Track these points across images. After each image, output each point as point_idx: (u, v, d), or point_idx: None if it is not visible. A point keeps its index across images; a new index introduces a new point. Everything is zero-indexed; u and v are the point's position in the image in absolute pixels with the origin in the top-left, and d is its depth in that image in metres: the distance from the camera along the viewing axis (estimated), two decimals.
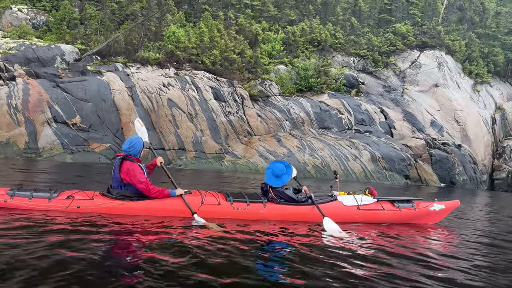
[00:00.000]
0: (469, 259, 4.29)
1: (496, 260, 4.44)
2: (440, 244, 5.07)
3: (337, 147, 20.61)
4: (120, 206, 4.93)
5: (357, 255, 4.00)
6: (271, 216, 5.41)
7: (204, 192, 5.41)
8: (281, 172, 5.54)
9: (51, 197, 4.82)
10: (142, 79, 20.30)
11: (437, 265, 3.86)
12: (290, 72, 25.47)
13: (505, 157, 28.73)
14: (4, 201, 4.73)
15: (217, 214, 5.19)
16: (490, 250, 4.95)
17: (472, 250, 4.85)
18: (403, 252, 4.30)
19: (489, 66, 31.61)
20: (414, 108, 25.72)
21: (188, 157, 18.80)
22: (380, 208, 5.89)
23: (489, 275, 3.70)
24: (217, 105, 20.77)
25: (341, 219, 5.52)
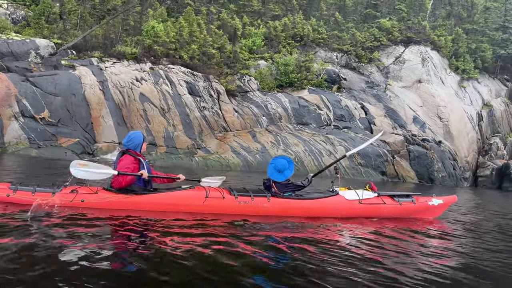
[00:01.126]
0: (466, 253, 4.38)
1: (493, 252, 4.52)
2: (439, 238, 5.18)
3: (312, 142, 20.32)
4: (124, 200, 4.93)
5: (357, 249, 4.04)
6: (274, 210, 5.48)
7: (207, 187, 5.42)
8: (283, 167, 5.64)
9: (55, 191, 4.80)
10: (115, 74, 20.06)
11: (436, 259, 3.90)
12: (271, 67, 25.16)
13: (491, 154, 28.37)
14: (7, 196, 4.69)
15: (222, 208, 5.24)
16: (485, 244, 5.07)
17: (469, 244, 4.99)
18: (405, 246, 4.37)
19: (476, 62, 31.19)
20: (396, 104, 25.38)
21: (158, 152, 18.56)
22: (381, 203, 6.00)
23: (486, 270, 3.74)
24: (191, 100, 20.51)
25: (343, 213, 5.74)
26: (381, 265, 3.49)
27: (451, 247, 4.57)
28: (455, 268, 3.61)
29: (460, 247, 4.63)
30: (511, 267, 3.89)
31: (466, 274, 3.46)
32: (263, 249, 3.80)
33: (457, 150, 25.09)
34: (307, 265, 3.31)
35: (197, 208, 5.17)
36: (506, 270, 3.75)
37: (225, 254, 3.44)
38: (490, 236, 5.73)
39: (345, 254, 3.79)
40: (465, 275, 3.41)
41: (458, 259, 4.03)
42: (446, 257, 4.02)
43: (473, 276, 3.42)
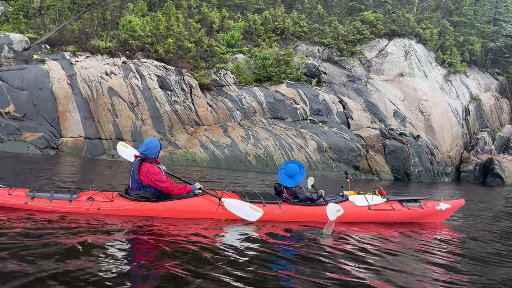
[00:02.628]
0: (474, 256, 4.44)
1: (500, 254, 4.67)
2: (449, 242, 5.30)
3: (283, 137, 20.02)
4: (140, 207, 5.00)
5: (368, 255, 4.10)
6: (286, 216, 5.58)
7: (220, 193, 5.52)
8: (294, 172, 5.70)
9: (71, 198, 4.85)
10: (85, 68, 19.90)
11: (445, 263, 3.99)
12: (249, 61, 24.84)
13: (477, 149, 27.81)
14: (25, 203, 4.70)
15: (234, 215, 5.27)
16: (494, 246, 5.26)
17: (478, 247, 5.10)
18: (415, 252, 4.43)
19: (464, 55, 30.55)
20: (377, 98, 24.93)
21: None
22: (390, 208, 6.12)
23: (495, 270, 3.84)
24: (162, 94, 20.30)
25: (353, 219, 5.88)
26: (390, 270, 3.56)
27: (461, 252, 4.64)
28: (464, 273, 3.68)
29: (468, 251, 4.71)
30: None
31: (474, 278, 3.53)
32: (278, 255, 3.86)
33: (439, 144, 24.60)
34: (318, 269, 3.42)
35: (211, 215, 5.27)
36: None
37: (239, 259, 3.51)
38: (497, 238, 5.84)
39: (357, 260, 3.87)
40: (472, 279, 3.49)
41: (465, 263, 4.08)
42: (456, 262, 4.09)
43: (480, 280, 3.48)
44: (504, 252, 4.87)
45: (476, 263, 4.08)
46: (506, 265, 4.09)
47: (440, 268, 3.68)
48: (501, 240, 5.80)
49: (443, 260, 4.05)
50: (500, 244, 5.42)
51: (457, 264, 3.96)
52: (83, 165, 14.36)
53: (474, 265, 3.97)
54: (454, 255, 4.40)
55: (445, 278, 3.37)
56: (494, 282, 3.43)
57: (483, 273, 3.64)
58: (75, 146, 17.90)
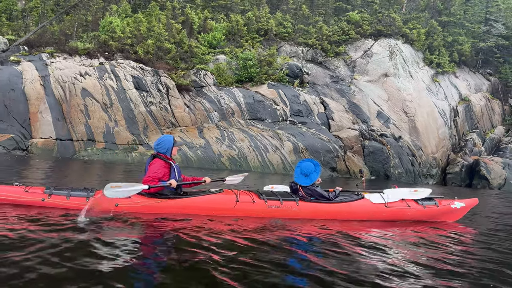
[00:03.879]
0: (489, 256, 4.41)
1: None
2: (465, 242, 5.25)
3: (259, 138, 19.72)
4: (158, 204, 4.99)
5: (384, 253, 4.11)
6: (303, 213, 5.56)
7: (237, 191, 5.50)
8: (309, 171, 5.69)
9: (89, 195, 4.85)
10: (60, 69, 19.77)
11: (461, 263, 3.96)
12: (231, 62, 24.61)
13: (466, 150, 27.31)
14: (42, 200, 4.74)
15: (252, 212, 5.33)
16: None
17: (495, 246, 5.02)
18: (431, 250, 4.43)
19: (453, 56, 30.09)
20: (360, 98, 24.57)
21: (95, 148, 18.18)
22: (406, 206, 6.09)
23: None
24: (137, 95, 20.10)
25: (369, 216, 5.90)
26: (406, 268, 3.56)
27: (476, 252, 4.62)
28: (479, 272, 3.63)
29: (482, 251, 4.69)
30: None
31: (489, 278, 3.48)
32: (295, 252, 3.90)
33: (423, 146, 24.17)
34: (333, 267, 3.40)
35: (228, 212, 5.24)
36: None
37: (255, 255, 3.51)
38: None
39: (374, 258, 3.88)
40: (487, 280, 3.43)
41: (480, 263, 4.06)
42: (471, 261, 4.08)
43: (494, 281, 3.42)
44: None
45: (492, 262, 4.09)
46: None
47: (457, 268, 3.70)
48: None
49: (459, 260, 4.07)
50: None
51: (473, 264, 3.97)
52: (48, 165, 14.12)
53: (490, 265, 3.97)
54: (469, 255, 4.39)
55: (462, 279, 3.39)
56: None
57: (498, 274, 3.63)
58: (45, 147, 17.72)
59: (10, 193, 4.73)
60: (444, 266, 3.70)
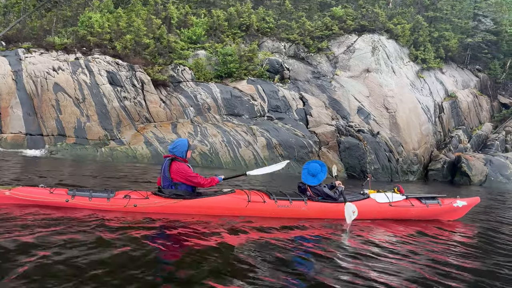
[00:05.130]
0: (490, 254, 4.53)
1: None
2: (468, 240, 5.42)
3: (232, 133, 19.56)
4: (174, 204, 5.27)
5: (388, 252, 4.21)
6: (312, 213, 5.81)
7: (248, 191, 5.76)
8: (316, 171, 5.98)
9: (109, 196, 5.14)
10: (33, 63, 19.69)
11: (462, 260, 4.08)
12: (210, 57, 24.44)
13: (450, 147, 27.04)
14: (66, 201, 4.98)
15: (263, 212, 5.59)
16: None
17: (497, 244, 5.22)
18: (435, 248, 4.58)
19: (439, 51, 29.75)
20: (341, 94, 24.32)
21: (65, 143, 18.10)
22: (410, 205, 6.34)
23: None
24: (111, 90, 19.98)
25: (375, 215, 6.18)
26: (411, 267, 3.66)
27: (477, 249, 4.71)
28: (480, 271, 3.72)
29: (485, 248, 4.81)
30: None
31: None
32: (303, 252, 4.01)
33: (404, 142, 23.90)
34: (345, 268, 3.50)
35: (240, 212, 5.51)
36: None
37: (266, 256, 3.60)
38: None
39: (380, 258, 3.96)
40: None
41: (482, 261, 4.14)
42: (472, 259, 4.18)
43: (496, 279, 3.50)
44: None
45: (493, 261, 4.17)
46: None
47: (460, 267, 3.81)
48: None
49: (459, 258, 4.16)
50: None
51: (474, 262, 4.04)
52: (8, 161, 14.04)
53: (491, 263, 4.04)
54: (471, 253, 4.47)
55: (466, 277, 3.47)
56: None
57: None
58: (14, 142, 17.66)
59: (36, 195, 4.99)
60: (448, 264, 3.77)
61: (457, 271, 3.54)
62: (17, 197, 4.91)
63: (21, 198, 4.91)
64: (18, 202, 4.89)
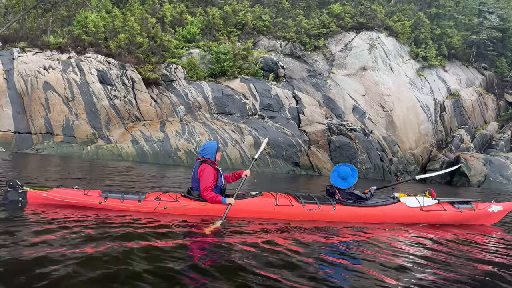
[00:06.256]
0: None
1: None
2: (500, 246, 5.18)
3: (220, 132, 19.42)
4: (203, 207, 5.28)
5: (419, 256, 4.15)
6: (340, 217, 5.70)
7: (275, 194, 5.74)
8: (347, 174, 5.84)
9: (140, 198, 5.24)
10: (25, 63, 19.92)
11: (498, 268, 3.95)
12: (204, 56, 24.36)
13: (451, 147, 26.36)
14: (99, 203, 5.14)
15: (291, 216, 5.54)
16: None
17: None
18: (467, 253, 4.45)
19: (441, 49, 29.04)
20: (336, 93, 23.95)
21: (53, 141, 18.24)
22: (442, 209, 6.14)
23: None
24: (101, 89, 20.07)
25: (405, 220, 5.98)
26: (443, 272, 3.59)
27: None
28: None
29: None
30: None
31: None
32: (333, 254, 4.04)
33: (400, 141, 23.40)
34: (369, 270, 3.47)
35: (268, 215, 5.48)
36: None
37: (293, 259, 3.62)
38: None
39: (409, 260, 3.93)
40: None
41: None
42: None
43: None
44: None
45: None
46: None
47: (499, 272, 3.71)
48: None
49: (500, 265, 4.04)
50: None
51: None
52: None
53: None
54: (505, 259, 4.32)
55: None
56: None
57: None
58: (3, 140, 17.88)
59: (71, 196, 5.14)
60: (484, 271, 3.68)
61: (495, 280, 3.46)
62: (53, 198, 5.09)
63: (57, 199, 5.10)
64: (54, 203, 5.08)
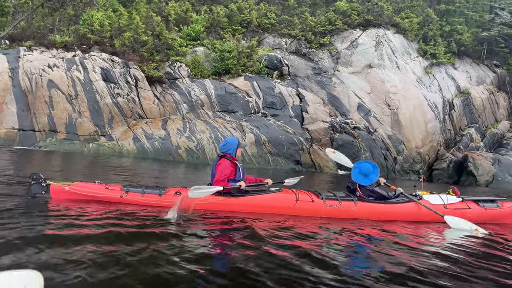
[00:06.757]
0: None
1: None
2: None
3: (221, 130, 19.38)
4: (223, 201, 5.29)
5: (442, 255, 4.05)
6: (362, 214, 5.63)
7: (295, 190, 5.68)
8: (368, 171, 5.79)
9: (161, 193, 5.27)
10: (30, 61, 20.19)
11: None
12: (209, 54, 24.35)
13: (460, 146, 25.84)
14: (120, 197, 5.19)
15: (311, 212, 5.48)
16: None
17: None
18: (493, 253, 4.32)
19: (451, 46, 28.48)
20: (340, 91, 23.68)
21: (54, 138, 18.44)
22: (466, 208, 6.00)
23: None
24: (104, 86, 20.22)
25: (428, 218, 5.81)
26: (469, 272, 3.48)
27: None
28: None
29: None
30: None
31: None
32: (354, 252, 3.97)
33: (406, 140, 23.02)
34: (393, 269, 3.37)
35: (288, 211, 5.43)
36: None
37: (314, 254, 3.58)
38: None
39: (434, 260, 3.80)
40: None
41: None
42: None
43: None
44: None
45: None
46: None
47: None
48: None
49: None
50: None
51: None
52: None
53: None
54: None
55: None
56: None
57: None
58: (7, 137, 18.15)
59: (93, 190, 5.19)
60: None
61: None
62: (75, 192, 5.13)
63: (79, 193, 5.14)
64: (76, 197, 5.13)
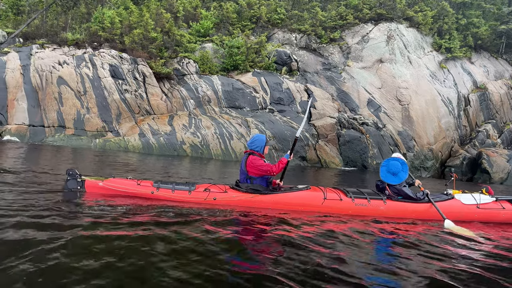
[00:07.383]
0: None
1: None
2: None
3: (226, 125, 19.35)
4: (251, 199, 5.39)
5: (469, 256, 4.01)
6: (390, 213, 5.57)
7: (323, 188, 5.73)
8: (397, 170, 5.64)
9: (191, 189, 5.43)
10: (42, 58, 20.60)
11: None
12: (218, 50, 24.35)
13: (475, 142, 25.10)
14: (151, 193, 5.37)
15: (339, 210, 5.47)
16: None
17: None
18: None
19: (467, 40, 27.66)
20: (350, 86, 23.30)
21: (64, 134, 18.77)
22: (500, 208, 5.85)
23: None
24: (112, 83, 20.46)
25: (459, 217, 5.67)
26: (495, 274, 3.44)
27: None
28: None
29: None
30: None
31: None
32: (382, 252, 3.94)
33: (418, 136, 22.48)
34: (430, 269, 3.36)
35: (316, 209, 5.46)
36: None
37: (342, 253, 3.59)
38: None
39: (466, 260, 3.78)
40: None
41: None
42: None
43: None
44: None
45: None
46: None
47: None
48: None
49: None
50: None
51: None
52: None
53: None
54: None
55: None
56: None
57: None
58: (18, 133, 18.58)
59: (126, 186, 5.36)
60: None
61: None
62: (108, 187, 5.30)
63: (113, 189, 5.30)
64: (109, 192, 5.29)
